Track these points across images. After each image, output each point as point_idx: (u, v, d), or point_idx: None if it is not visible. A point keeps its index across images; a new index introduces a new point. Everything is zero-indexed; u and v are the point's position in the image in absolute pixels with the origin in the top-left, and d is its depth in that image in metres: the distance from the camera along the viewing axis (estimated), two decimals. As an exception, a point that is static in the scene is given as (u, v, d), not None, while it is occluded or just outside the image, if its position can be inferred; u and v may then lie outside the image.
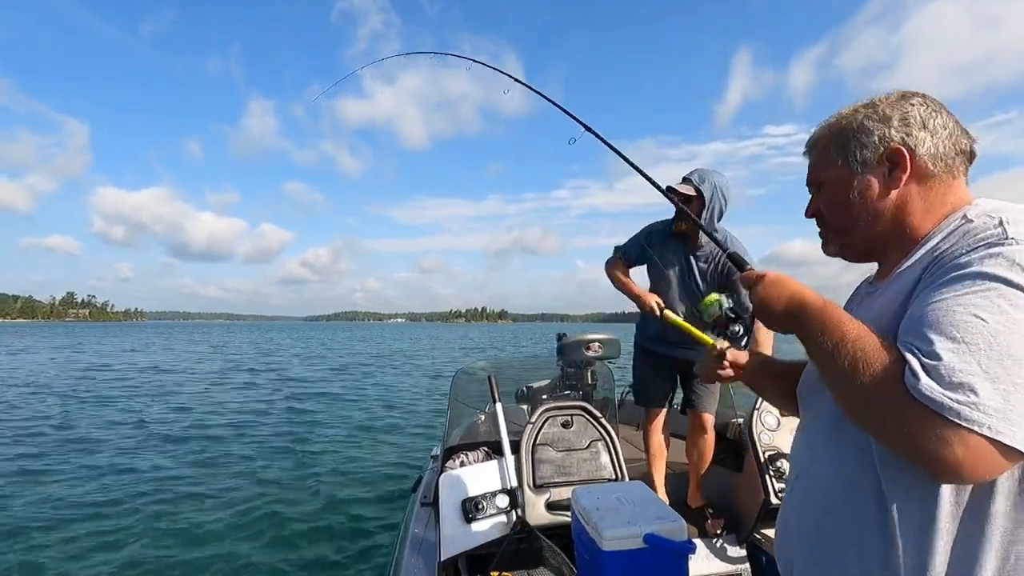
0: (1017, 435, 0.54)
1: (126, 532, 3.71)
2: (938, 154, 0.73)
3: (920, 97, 0.76)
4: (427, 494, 2.16)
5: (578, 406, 2.04)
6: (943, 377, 0.55)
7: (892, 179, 0.75)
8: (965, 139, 0.75)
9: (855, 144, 0.77)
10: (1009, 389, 0.54)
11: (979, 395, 0.54)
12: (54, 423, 7.33)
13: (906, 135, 0.74)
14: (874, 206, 0.77)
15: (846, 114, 0.80)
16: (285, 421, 7.84)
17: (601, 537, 1.21)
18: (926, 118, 0.74)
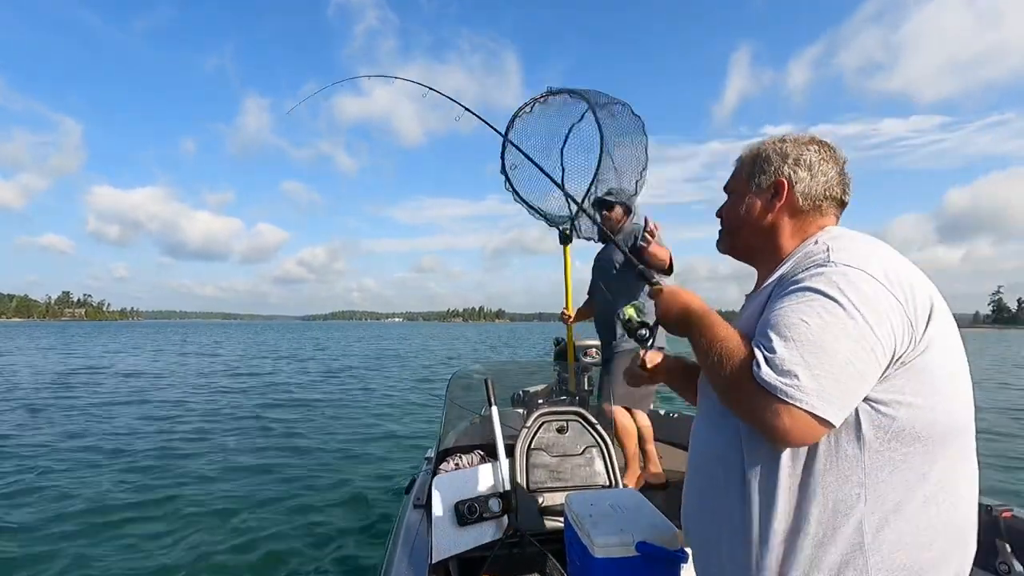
0: (826, 409, 0.73)
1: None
2: (810, 194, 0.93)
3: (818, 145, 0.96)
4: (420, 496, 2.15)
5: (574, 412, 2.04)
6: (777, 366, 0.75)
7: (771, 204, 0.95)
8: (839, 189, 0.95)
9: (759, 169, 0.97)
10: (821, 375, 0.73)
11: (800, 379, 0.73)
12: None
13: (792, 172, 0.94)
14: (754, 221, 0.97)
15: (765, 143, 0.99)
16: (276, 421, 7.80)
17: (593, 544, 1.20)
18: (813, 164, 0.94)
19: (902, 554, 0.76)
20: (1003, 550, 1.80)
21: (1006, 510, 1.86)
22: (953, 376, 0.80)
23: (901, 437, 0.77)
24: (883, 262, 0.80)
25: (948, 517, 0.78)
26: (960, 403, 0.81)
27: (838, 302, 0.75)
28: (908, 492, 0.77)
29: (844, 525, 0.77)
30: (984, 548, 1.85)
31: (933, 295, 0.81)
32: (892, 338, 0.75)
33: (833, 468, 0.78)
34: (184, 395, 10.42)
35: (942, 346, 0.79)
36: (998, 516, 1.85)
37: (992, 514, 1.86)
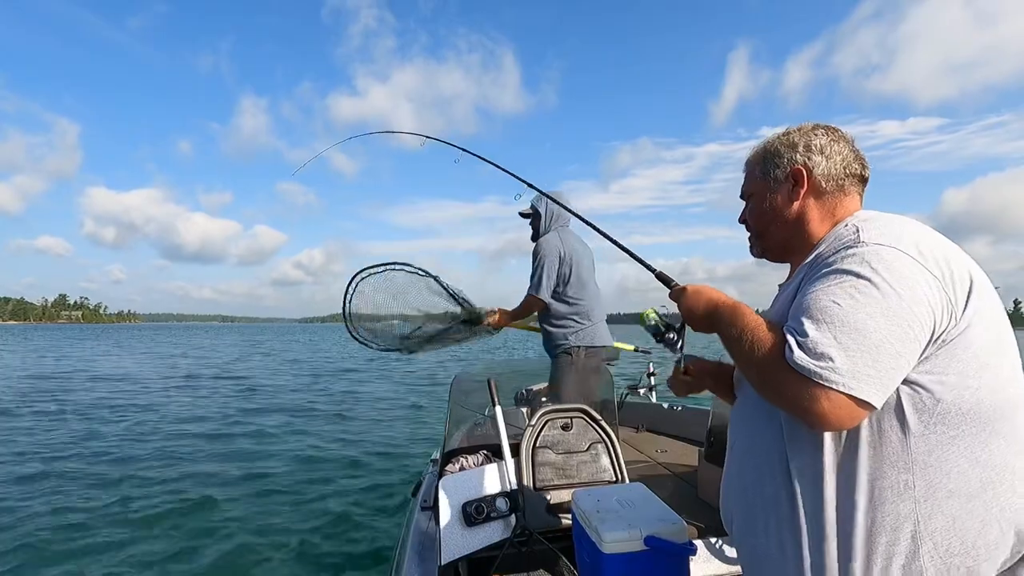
0: (864, 390, 0.71)
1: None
2: (830, 175, 0.93)
3: (824, 129, 0.96)
4: (427, 498, 2.15)
5: (577, 408, 2.05)
6: (810, 349, 0.73)
7: (794, 193, 0.95)
8: (857, 165, 0.94)
9: (771, 165, 0.98)
10: (856, 355, 0.71)
11: (835, 361, 0.71)
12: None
13: (807, 159, 0.94)
14: (781, 214, 0.97)
15: (770, 140, 1.01)
16: (279, 423, 7.80)
17: (601, 539, 1.21)
18: (824, 146, 0.94)
19: (956, 541, 0.74)
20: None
21: None
22: (999, 353, 0.77)
23: (947, 419, 0.74)
24: (916, 238, 0.78)
25: (1006, 501, 0.75)
26: (1010, 380, 0.77)
27: (871, 281, 0.74)
28: (961, 476, 0.74)
29: (893, 513, 0.75)
30: None
31: (972, 270, 0.78)
32: (931, 315, 0.73)
33: (878, 454, 0.76)
34: (195, 397, 10.41)
35: (986, 322, 0.76)
36: None
37: None
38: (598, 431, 2.02)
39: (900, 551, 0.74)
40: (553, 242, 2.62)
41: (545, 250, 2.60)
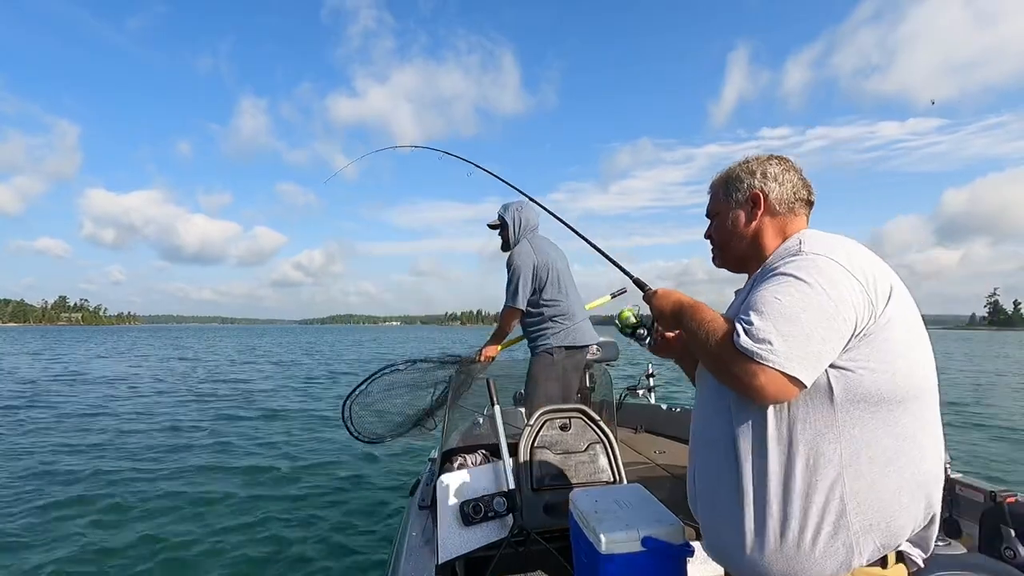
0: (795, 368, 0.85)
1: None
2: (782, 199, 1.10)
3: (777, 160, 1.13)
4: (425, 497, 2.14)
5: (576, 409, 2.04)
6: (754, 335, 0.88)
7: (752, 213, 1.11)
8: (804, 191, 1.11)
9: (733, 188, 1.14)
10: (791, 341, 0.86)
11: (773, 344, 0.86)
12: None
13: (763, 184, 1.11)
14: (741, 231, 1.13)
15: (732, 167, 1.17)
16: (278, 424, 7.79)
17: (599, 540, 1.20)
18: (777, 174, 1.11)
19: (875, 499, 0.89)
20: (1007, 536, 1.81)
21: (1010, 496, 1.87)
22: (911, 348, 0.92)
23: (868, 399, 0.89)
24: (847, 252, 0.94)
25: (915, 467, 0.91)
26: (919, 370, 0.93)
27: (806, 282, 0.89)
28: (878, 446, 0.89)
29: (825, 477, 0.89)
30: (989, 534, 1.85)
31: (893, 281, 0.94)
32: (854, 313, 0.88)
33: (811, 427, 0.91)
34: (189, 397, 10.40)
35: (901, 323, 0.91)
36: (1003, 501, 1.86)
37: (996, 500, 1.87)
38: (596, 432, 2.02)
39: (832, 509, 0.88)
40: (525, 253, 2.70)
41: (518, 262, 2.68)
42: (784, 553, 0.90)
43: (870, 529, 0.88)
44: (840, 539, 0.88)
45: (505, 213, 2.79)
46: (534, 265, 2.67)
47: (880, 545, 0.89)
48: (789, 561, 0.90)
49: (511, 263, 2.72)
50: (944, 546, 1.58)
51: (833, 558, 0.88)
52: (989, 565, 1.49)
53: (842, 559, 0.88)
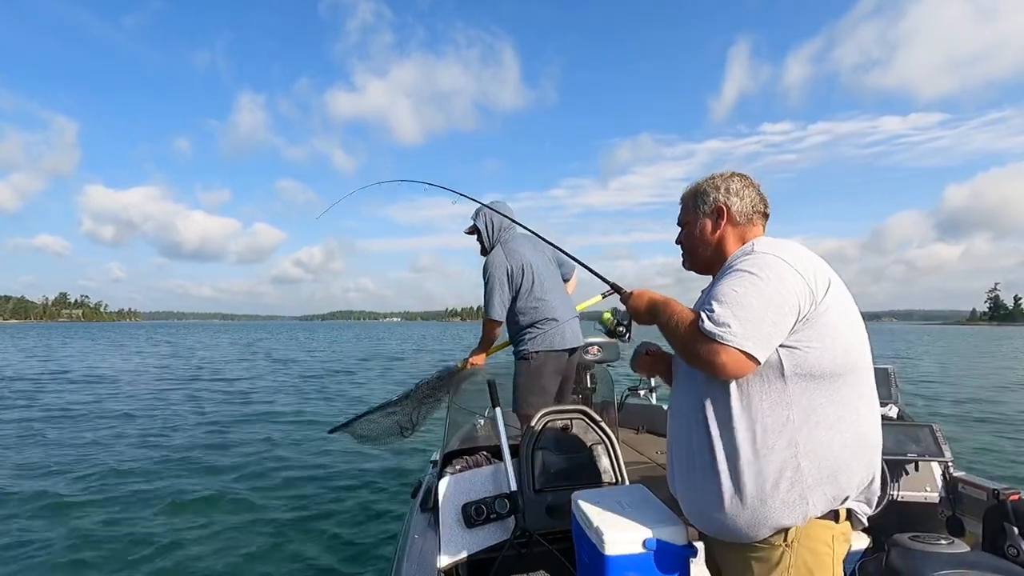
0: (750, 347, 1.02)
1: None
2: (742, 211, 1.27)
3: (739, 177, 1.30)
4: (427, 499, 2.14)
5: (577, 410, 2.04)
6: (715, 320, 1.05)
7: (717, 223, 1.28)
8: (761, 205, 1.29)
9: (701, 201, 1.31)
10: (746, 323, 1.03)
11: (731, 327, 1.03)
12: None
13: (727, 199, 1.27)
14: (708, 238, 1.30)
15: (700, 183, 1.33)
16: (278, 424, 7.79)
17: (602, 541, 1.21)
18: (739, 190, 1.28)
19: (824, 455, 1.05)
20: (1011, 533, 1.81)
21: (1013, 493, 1.87)
22: (847, 331, 1.09)
23: (812, 372, 1.06)
24: (793, 252, 1.12)
25: (856, 428, 1.08)
26: (854, 349, 1.10)
27: (758, 276, 1.07)
28: (823, 411, 1.06)
29: (780, 439, 1.06)
30: (992, 532, 1.85)
31: (831, 276, 1.11)
32: (797, 301, 1.05)
33: (767, 398, 1.08)
34: (189, 394, 10.42)
35: (838, 310, 1.08)
36: (1006, 499, 1.86)
37: (999, 497, 1.87)
38: (598, 432, 2.02)
39: (788, 465, 1.05)
40: (498, 259, 2.60)
41: (491, 271, 2.59)
42: (750, 506, 1.06)
43: (821, 481, 1.05)
44: (796, 490, 1.04)
45: (476, 218, 2.71)
46: (508, 271, 2.58)
47: (831, 497, 1.06)
48: (755, 512, 1.06)
49: (485, 271, 2.64)
50: (947, 544, 1.58)
51: (791, 507, 1.05)
52: (993, 563, 1.49)
53: (798, 508, 1.05)
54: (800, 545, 1.05)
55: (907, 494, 2.06)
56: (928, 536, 1.63)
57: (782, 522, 1.05)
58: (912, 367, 17.63)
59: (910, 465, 2.10)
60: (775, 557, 1.07)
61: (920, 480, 2.10)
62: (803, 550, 1.06)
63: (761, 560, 1.08)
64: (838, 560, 1.08)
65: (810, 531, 1.06)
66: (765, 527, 1.06)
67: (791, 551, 1.06)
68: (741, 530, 1.08)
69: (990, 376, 15.14)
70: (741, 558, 1.11)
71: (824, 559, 1.07)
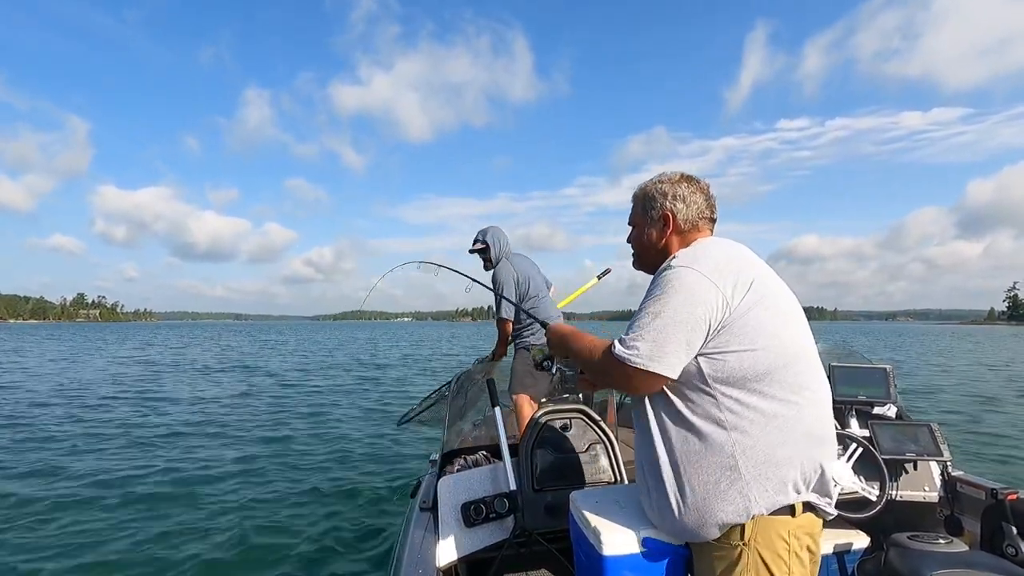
0: (656, 367, 1.08)
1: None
2: (688, 219, 1.30)
3: (686, 182, 1.31)
4: (426, 499, 2.14)
5: (577, 409, 2.03)
6: (625, 344, 1.12)
7: (663, 231, 1.32)
8: (708, 210, 1.32)
9: (649, 206, 1.34)
10: (653, 344, 1.08)
11: (639, 349, 1.09)
12: None
13: (673, 205, 1.30)
14: (654, 245, 1.34)
15: (649, 185, 1.36)
16: (278, 424, 7.84)
17: (599, 541, 1.20)
18: (685, 196, 1.30)
19: (760, 452, 1.07)
20: (1009, 532, 1.80)
21: (1011, 493, 1.86)
22: (775, 326, 1.11)
23: (735, 375, 1.09)
24: (708, 261, 1.14)
25: (793, 425, 1.09)
26: (786, 343, 1.11)
27: (669, 294, 1.10)
28: (755, 410, 1.08)
29: (716, 440, 1.09)
30: (991, 531, 1.82)
31: (756, 275, 1.14)
32: (708, 313, 1.08)
33: (698, 405, 1.11)
34: (188, 389, 10.55)
35: (762, 309, 1.10)
36: (1004, 499, 1.84)
37: (998, 497, 1.86)
38: (597, 432, 2.01)
39: (727, 465, 1.08)
40: (506, 270, 3.23)
41: (501, 279, 3.19)
42: (695, 507, 1.10)
43: (759, 478, 1.07)
44: (736, 488, 1.07)
45: (486, 237, 3.32)
46: (514, 280, 3.21)
47: (772, 492, 1.07)
48: (700, 513, 1.10)
49: (495, 280, 3.21)
50: (946, 544, 1.57)
51: (732, 504, 1.07)
52: (991, 562, 1.47)
53: (740, 505, 1.07)
54: (757, 543, 1.08)
55: (905, 493, 2.05)
56: (926, 535, 1.62)
57: (727, 520, 1.08)
58: (896, 366, 17.30)
59: (909, 464, 2.08)
60: (734, 556, 1.09)
61: (918, 479, 2.08)
62: (760, 547, 1.08)
63: (722, 559, 1.11)
64: (800, 552, 1.10)
65: (766, 528, 1.08)
66: (712, 526, 1.10)
67: (748, 549, 1.08)
68: (692, 530, 1.12)
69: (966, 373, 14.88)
70: (706, 557, 1.15)
71: (781, 553, 1.08)
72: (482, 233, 3.35)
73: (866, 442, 2.02)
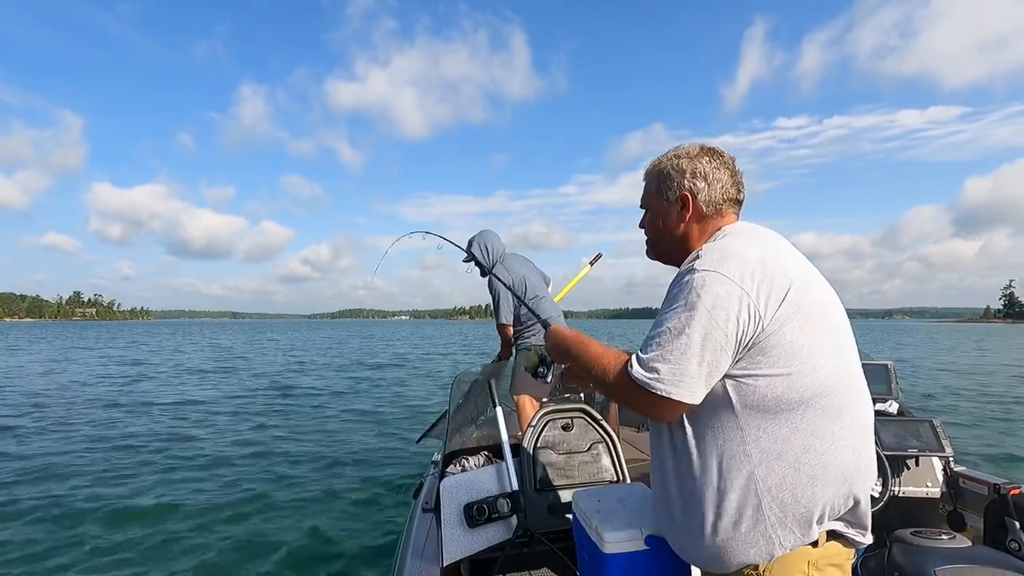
0: (680, 393, 0.94)
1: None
2: (711, 200, 1.11)
3: (708, 156, 1.12)
4: (428, 500, 2.15)
5: (578, 408, 2.04)
6: (645, 363, 0.97)
7: (681, 215, 1.14)
8: (733, 190, 1.13)
9: (664, 186, 1.15)
10: (675, 367, 0.94)
11: (660, 372, 0.95)
12: None
13: (692, 184, 1.11)
14: (671, 232, 1.16)
15: (664, 160, 1.17)
16: (278, 424, 7.83)
17: (602, 540, 1.20)
18: (708, 173, 1.11)
19: (788, 492, 0.95)
20: (1012, 527, 1.81)
21: (1014, 488, 1.87)
22: (811, 344, 0.95)
23: (766, 403, 0.95)
24: (738, 262, 0.97)
25: (827, 460, 0.95)
26: (823, 366, 0.95)
27: (692, 305, 0.95)
28: (785, 443, 0.95)
29: (739, 475, 0.96)
30: (993, 526, 1.84)
31: (795, 278, 0.97)
32: (738, 330, 0.94)
33: (720, 434, 0.98)
34: (188, 391, 10.52)
35: (795, 323, 0.95)
36: (1007, 494, 1.85)
37: (1001, 492, 1.86)
38: (599, 431, 2.01)
39: (749, 504, 0.96)
40: (501, 276, 3.19)
41: (496, 285, 3.19)
42: (713, 543, 0.99)
43: (785, 520, 0.95)
44: (759, 529, 0.96)
45: (471, 248, 3.28)
46: (509, 285, 3.16)
47: (800, 534, 0.96)
48: (719, 549, 0.99)
49: (491, 287, 3.23)
50: (949, 539, 1.57)
51: (755, 546, 0.96)
52: (994, 557, 1.48)
53: (763, 548, 0.96)
54: (772, 575, 0.98)
55: (908, 489, 2.06)
56: (929, 531, 1.62)
57: (747, 561, 0.98)
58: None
59: (911, 460, 2.09)
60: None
61: (921, 475, 2.10)
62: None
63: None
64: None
65: (783, 561, 0.97)
66: (732, 563, 0.99)
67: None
68: (709, 563, 1.03)
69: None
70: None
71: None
72: (468, 243, 3.31)
73: None
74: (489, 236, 3.30)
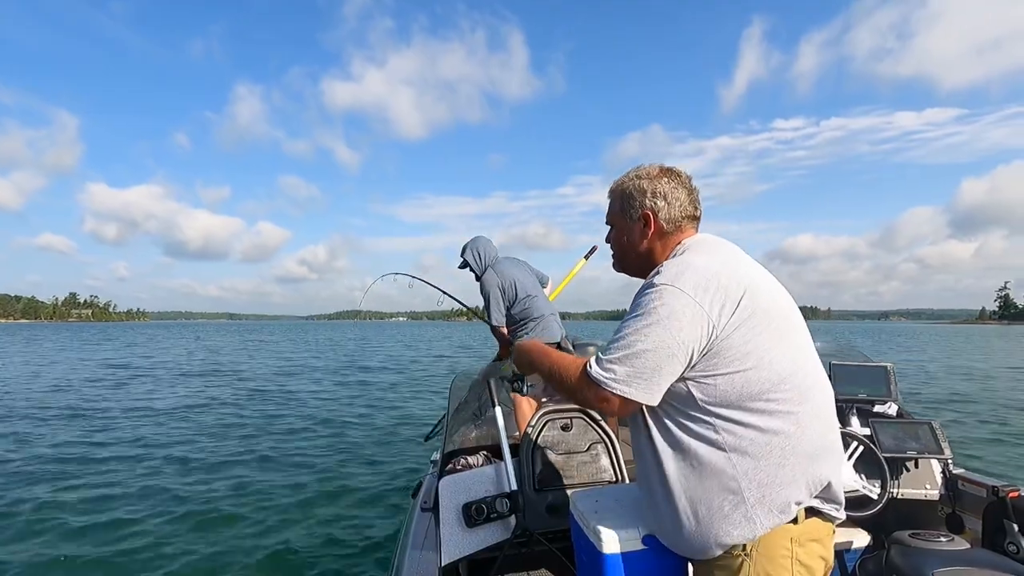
0: (631, 392, 1.05)
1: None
2: (671, 218, 1.21)
3: (667, 177, 1.21)
4: (427, 499, 2.15)
5: (577, 408, 2.04)
6: (602, 366, 1.07)
7: (644, 232, 1.23)
8: (691, 207, 1.22)
9: (627, 205, 1.24)
10: (629, 369, 1.04)
11: (616, 373, 1.05)
12: None
13: (654, 204, 1.20)
14: (634, 246, 1.26)
15: (626, 180, 1.26)
16: (278, 424, 7.82)
17: (600, 540, 1.20)
18: (667, 193, 1.20)
19: (763, 474, 1.03)
20: (1011, 530, 1.81)
21: (1013, 490, 1.87)
22: (764, 341, 1.04)
23: (728, 396, 1.04)
24: (694, 276, 1.06)
25: (795, 441, 1.04)
26: (777, 360, 1.04)
27: (650, 316, 1.04)
28: (755, 429, 1.03)
29: (716, 463, 1.04)
30: (992, 528, 1.84)
31: (748, 286, 1.06)
32: (691, 339, 1.02)
33: (692, 427, 1.07)
34: (187, 392, 10.49)
35: (748, 325, 1.03)
36: (1005, 496, 1.85)
37: (999, 494, 1.87)
38: (598, 431, 2.02)
39: (728, 488, 1.04)
40: (491, 280, 3.36)
41: (487, 289, 3.36)
42: (696, 529, 1.07)
43: (763, 500, 1.03)
44: (740, 511, 1.03)
45: (464, 254, 3.46)
46: (499, 287, 3.35)
47: (778, 512, 1.03)
48: (703, 535, 1.07)
49: (482, 289, 3.39)
50: (947, 541, 1.57)
51: (737, 527, 1.04)
52: (992, 560, 1.48)
53: (745, 528, 1.04)
54: (758, 553, 1.05)
55: (907, 491, 2.06)
56: (928, 533, 1.62)
57: (731, 542, 1.05)
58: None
59: (910, 462, 2.10)
60: (735, 565, 1.07)
61: (920, 477, 2.10)
62: (761, 558, 1.05)
63: (723, 568, 1.09)
64: (806, 560, 1.07)
65: (767, 539, 1.04)
66: (716, 546, 1.07)
67: (750, 559, 1.05)
68: (694, 549, 1.10)
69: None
70: (706, 569, 1.12)
71: (783, 562, 1.05)
72: (462, 249, 3.50)
73: (867, 440, 2.03)
74: (481, 242, 3.46)
